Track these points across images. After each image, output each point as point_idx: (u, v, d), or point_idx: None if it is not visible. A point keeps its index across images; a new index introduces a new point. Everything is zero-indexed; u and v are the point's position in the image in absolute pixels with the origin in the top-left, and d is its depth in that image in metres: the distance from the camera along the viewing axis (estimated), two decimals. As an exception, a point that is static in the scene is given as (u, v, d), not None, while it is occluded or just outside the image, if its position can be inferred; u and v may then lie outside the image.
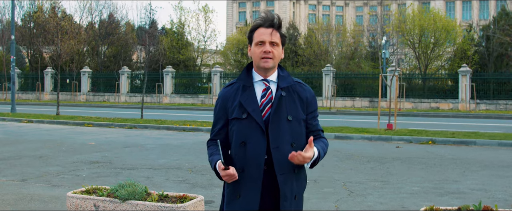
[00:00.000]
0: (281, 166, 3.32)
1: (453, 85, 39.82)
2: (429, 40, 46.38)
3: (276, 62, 3.42)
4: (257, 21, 3.44)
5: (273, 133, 3.33)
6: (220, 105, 3.51)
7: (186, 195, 5.93)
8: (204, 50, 59.73)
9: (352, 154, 13.98)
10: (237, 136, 3.39)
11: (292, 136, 3.38)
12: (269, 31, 3.38)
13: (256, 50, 3.39)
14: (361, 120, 27.77)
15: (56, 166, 11.65)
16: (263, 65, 3.38)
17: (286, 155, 3.31)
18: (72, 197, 5.98)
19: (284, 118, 3.36)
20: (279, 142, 3.33)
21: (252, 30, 3.44)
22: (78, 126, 22.69)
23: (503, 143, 15.91)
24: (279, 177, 3.32)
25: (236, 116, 3.38)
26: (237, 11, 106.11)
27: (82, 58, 53.88)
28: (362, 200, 8.54)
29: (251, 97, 3.37)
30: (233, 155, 3.43)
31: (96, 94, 50.00)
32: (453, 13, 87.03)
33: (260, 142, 3.32)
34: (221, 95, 3.52)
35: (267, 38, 3.37)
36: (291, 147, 3.36)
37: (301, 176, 3.48)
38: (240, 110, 3.37)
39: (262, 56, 3.37)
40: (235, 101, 3.41)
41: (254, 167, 3.32)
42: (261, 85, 3.43)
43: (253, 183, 3.33)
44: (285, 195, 3.33)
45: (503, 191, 9.27)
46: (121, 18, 59.08)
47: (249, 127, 3.34)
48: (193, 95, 46.11)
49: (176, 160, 12.73)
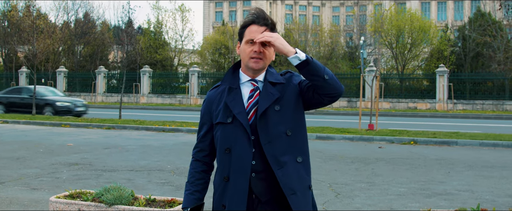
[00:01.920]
0: (277, 160, 3.05)
1: (430, 85, 40.05)
2: (406, 40, 46.67)
3: (267, 63, 3.16)
4: (250, 17, 3.17)
5: (262, 129, 3.06)
6: (204, 109, 3.28)
7: (175, 199, 5.75)
8: (182, 50, 59.43)
9: (335, 155, 13.88)
10: (222, 142, 3.14)
11: (284, 124, 3.10)
12: (262, 30, 3.12)
13: (246, 48, 3.13)
14: (340, 120, 27.76)
15: (35, 168, 11.36)
16: (252, 66, 3.12)
17: (282, 148, 3.07)
18: (56, 202, 5.75)
19: (271, 109, 3.09)
20: (271, 136, 3.06)
21: (244, 27, 3.18)
22: (55, 126, 22.29)
23: (485, 143, 15.95)
24: (278, 172, 3.04)
25: (221, 120, 3.14)
26: (214, 11, 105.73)
27: (57, 57, 53.16)
28: (350, 201, 8.42)
29: (237, 100, 3.12)
30: (218, 162, 3.20)
31: (72, 94, 49.31)
32: (428, 14, 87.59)
33: (246, 148, 3.06)
34: (207, 99, 3.28)
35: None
36: (287, 135, 3.10)
37: (306, 165, 3.17)
38: (225, 113, 3.12)
39: (252, 56, 3.11)
40: (220, 105, 3.17)
41: (240, 175, 3.06)
42: (249, 86, 3.18)
43: (238, 193, 3.07)
44: (291, 189, 3.04)
45: (490, 192, 9.22)
46: (97, 17, 58.53)
47: (234, 132, 3.09)
48: (170, 95, 45.78)
49: (158, 161, 12.50)
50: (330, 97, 3.09)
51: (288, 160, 3.08)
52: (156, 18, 57.25)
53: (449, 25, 55.46)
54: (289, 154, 3.09)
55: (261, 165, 3.08)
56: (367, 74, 36.00)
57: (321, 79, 3.03)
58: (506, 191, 9.26)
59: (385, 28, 46.33)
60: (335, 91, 3.07)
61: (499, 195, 8.92)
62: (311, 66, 3.02)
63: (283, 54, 3.08)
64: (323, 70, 3.03)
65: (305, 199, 3.10)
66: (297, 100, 3.16)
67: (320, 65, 3.06)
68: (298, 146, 3.14)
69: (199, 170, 3.30)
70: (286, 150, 3.09)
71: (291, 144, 3.11)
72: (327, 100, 3.11)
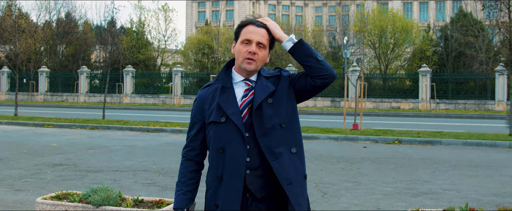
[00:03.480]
0: (272, 152, 3.08)
1: (413, 85, 40.26)
2: (389, 40, 46.91)
3: (260, 65, 3.17)
4: (248, 18, 3.21)
5: (257, 122, 3.09)
6: (196, 108, 3.26)
7: (163, 200, 5.71)
8: (165, 49, 59.20)
9: (320, 154, 13.90)
10: (215, 141, 3.14)
11: (279, 116, 3.13)
12: (259, 31, 3.15)
13: (241, 48, 3.14)
14: (324, 119, 27.79)
15: (18, 169, 11.25)
16: (245, 67, 3.13)
17: (276, 140, 3.09)
18: (42, 203, 5.69)
19: (265, 102, 3.11)
20: (266, 128, 3.09)
21: (241, 26, 3.19)
22: (38, 127, 22.10)
23: (468, 142, 16.07)
24: (273, 164, 3.06)
25: (214, 120, 3.13)
26: (196, 11, 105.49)
27: (39, 57, 52.70)
28: (337, 201, 8.43)
29: (231, 100, 3.13)
30: (211, 161, 3.19)
31: (54, 94, 49.03)
32: (410, 14, 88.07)
33: (240, 147, 3.07)
34: (198, 98, 3.27)
35: (255, 38, 3.13)
36: (281, 127, 3.12)
37: (300, 156, 3.21)
38: (218, 112, 3.12)
39: (247, 57, 3.12)
40: (213, 104, 3.16)
41: (234, 174, 3.07)
42: (243, 86, 3.19)
43: (232, 192, 3.07)
44: (288, 179, 3.07)
45: (475, 190, 9.28)
46: (79, 17, 58.13)
47: (227, 131, 3.09)
48: (153, 95, 45.60)
49: (143, 161, 12.43)
50: (323, 79, 3.12)
51: (283, 151, 3.11)
52: (138, 18, 57.00)
53: (431, 25, 55.80)
54: (284, 145, 3.12)
55: (256, 162, 3.10)
56: (351, 74, 36.14)
57: (314, 60, 3.10)
58: (491, 190, 9.33)
59: (368, 28, 46.52)
60: (328, 73, 3.12)
61: (484, 194, 8.98)
62: (305, 47, 3.13)
63: (277, 39, 3.18)
64: (315, 52, 3.13)
65: (301, 189, 3.14)
66: (289, 93, 3.20)
67: (312, 48, 3.15)
68: (292, 137, 3.17)
69: (191, 169, 3.29)
70: (280, 142, 3.12)
71: (285, 136, 3.14)
72: (320, 82, 3.13)
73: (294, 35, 3.20)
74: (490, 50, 31.43)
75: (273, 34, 3.19)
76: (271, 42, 3.22)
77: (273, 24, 3.18)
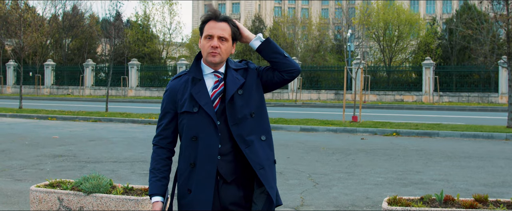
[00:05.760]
0: (244, 140, 3.29)
1: (417, 78, 40.30)
2: (393, 33, 46.92)
3: (224, 57, 3.37)
4: (209, 14, 3.39)
5: (229, 112, 3.30)
6: (167, 98, 3.44)
7: (152, 187, 5.90)
8: (170, 43, 59.39)
9: (317, 146, 14.08)
10: (188, 130, 3.33)
11: (249, 107, 3.34)
12: (219, 25, 3.34)
13: (205, 43, 3.34)
14: (326, 112, 27.94)
15: (19, 160, 11.48)
16: (210, 60, 3.33)
17: (247, 129, 3.31)
18: (36, 190, 5.90)
19: (236, 93, 3.32)
20: (237, 118, 3.30)
21: (204, 22, 3.38)
22: (42, 119, 22.38)
23: (466, 134, 16.21)
24: (245, 150, 3.28)
25: (187, 110, 3.32)
26: (202, 4, 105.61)
27: (45, 51, 53.01)
28: (328, 191, 8.61)
29: (202, 91, 3.32)
30: (183, 149, 3.38)
31: (60, 87, 49.33)
32: (417, 7, 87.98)
33: (212, 135, 3.27)
34: (169, 88, 3.45)
35: (216, 33, 3.32)
36: (251, 117, 3.34)
37: (269, 143, 3.41)
38: (191, 103, 3.32)
39: (210, 51, 3.31)
40: (185, 94, 3.35)
41: (207, 160, 3.27)
42: (213, 77, 3.38)
43: (206, 177, 3.27)
44: (260, 164, 3.29)
45: (464, 181, 9.44)
46: (85, 10, 58.36)
47: (200, 120, 3.29)
48: (158, 88, 45.82)
49: (142, 153, 12.65)
50: (290, 73, 3.38)
51: (254, 139, 3.33)
52: (143, 11, 57.18)
53: (437, 18, 55.78)
54: (254, 133, 3.34)
55: (227, 148, 3.32)
56: (354, 66, 36.22)
57: (281, 56, 3.36)
58: (480, 180, 9.49)
59: (372, 21, 46.54)
60: (294, 67, 3.38)
61: (473, 184, 9.14)
62: (272, 44, 3.38)
63: (245, 38, 3.43)
64: (281, 49, 3.39)
65: (272, 173, 3.37)
66: (257, 84, 3.42)
67: (278, 45, 3.41)
68: (261, 126, 3.39)
69: (164, 156, 3.47)
70: (251, 130, 3.33)
71: (255, 125, 3.36)
72: (287, 76, 3.39)
73: (261, 34, 3.43)
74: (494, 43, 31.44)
75: (243, 36, 3.42)
76: (234, 35, 3.40)
77: (239, 25, 3.41)
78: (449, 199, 5.30)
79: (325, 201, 7.90)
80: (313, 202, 7.83)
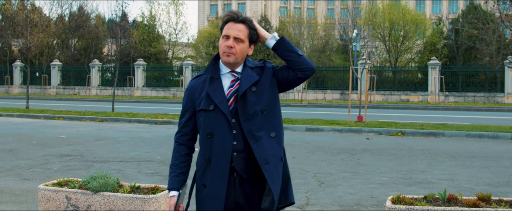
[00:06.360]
0: (253, 135, 3.40)
1: (423, 78, 40.29)
2: (399, 33, 46.87)
3: (239, 58, 3.47)
4: (229, 15, 3.50)
5: (241, 108, 3.41)
6: (187, 97, 3.59)
7: (158, 186, 5.98)
8: (176, 43, 59.48)
9: (323, 146, 14.13)
10: (204, 127, 3.47)
11: (260, 104, 3.45)
12: (236, 26, 3.46)
13: (222, 43, 3.47)
14: (332, 112, 27.99)
15: (27, 159, 11.59)
16: (224, 59, 3.46)
17: (257, 125, 3.41)
18: (44, 189, 5.98)
19: (249, 90, 3.43)
20: (248, 114, 3.41)
21: (224, 23, 3.51)
22: (49, 119, 22.51)
23: (471, 134, 16.23)
24: (253, 145, 3.39)
25: (203, 107, 3.45)
26: (208, 4, 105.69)
27: (52, 51, 53.20)
28: (332, 190, 8.67)
29: (218, 89, 3.44)
30: (200, 145, 3.52)
31: (67, 87, 49.52)
32: (423, 7, 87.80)
33: (226, 132, 3.39)
34: (189, 87, 3.60)
35: (232, 33, 3.44)
36: (262, 114, 3.44)
37: (279, 139, 3.51)
38: (207, 101, 3.44)
39: (225, 51, 3.44)
40: (202, 93, 3.48)
41: (221, 156, 3.39)
42: (230, 77, 3.50)
43: (219, 173, 3.39)
44: (265, 159, 3.38)
45: (469, 180, 9.48)
46: (91, 11, 58.56)
47: (216, 118, 3.42)
48: (164, 88, 45.95)
49: (148, 152, 12.74)
50: (304, 71, 3.46)
51: (263, 135, 3.44)
52: (149, 11, 57.29)
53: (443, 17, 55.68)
54: (264, 130, 3.44)
55: (241, 145, 3.43)
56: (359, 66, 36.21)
57: (295, 55, 3.46)
58: (485, 180, 9.53)
59: (378, 21, 46.51)
60: (308, 66, 3.46)
61: (478, 184, 9.18)
62: (287, 42, 3.47)
63: (261, 38, 3.54)
64: (296, 48, 3.49)
65: (277, 169, 3.44)
66: (272, 83, 3.52)
67: (292, 44, 3.51)
68: (271, 123, 3.49)
69: (183, 153, 3.63)
70: (260, 127, 3.44)
71: (265, 122, 3.46)
72: (301, 74, 3.47)
73: (276, 33, 3.54)
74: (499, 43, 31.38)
75: (259, 35, 3.53)
76: (252, 37, 3.51)
77: (257, 26, 3.52)
78: (452, 198, 5.35)
79: (330, 201, 7.96)
80: (318, 202, 7.88)
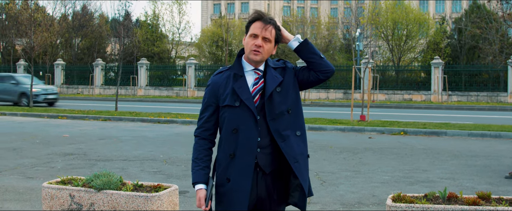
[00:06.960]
0: (280, 135, 3.52)
1: (426, 77, 40.29)
2: (402, 32, 46.87)
3: (265, 56, 3.58)
4: (256, 14, 3.60)
5: (268, 108, 3.52)
6: (210, 92, 3.65)
7: (161, 184, 6.02)
8: (179, 42, 59.56)
9: (325, 145, 14.18)
10: (229, 123, 3.55)
11: (286, 104, 3.57)
12: (265, 26, 3.55)
13: (249, 41, 3.55)
14: (335, 111, 28.03)
15: (31, 158, 11.66)
16: (252, 58, 3.55)
17: (284, 124, 3.54)
18: (48, 187, 6.03)
19: (275, 91, 3.54)
20: (275, 114, 3.52)
21: (251, 22, 3.60)
22: (52, 118, 22.59)
23: (473, 133, 16.25)
24: (282, 144, 3.51)
25: (229, 103, 3.53)
26: (212, 3, 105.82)
27: (55, 50, 53.33)
28: (334, 189, 8.71)
29: (244, 86, 3.54)
30: (223, 140, 3.60)
31: (70, 86, 49.63)
32: (426, 6, 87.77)
33: (252, 128, 3.49)
34: (212, 83, 3.67)
35: (262, 33, 3.53)
36: (288, 113, 3.56)
37: (303, 138, 3.63)
38: (233, 97, 3.53)
39: (253, 49, 3.53)
40: (227, 89, 3.56)
41: (247, 152, 3.49)
42: (253, 74, 3.60)
43: (245, 167, 3.50)
44: (294, 158, 3.51)
45: (470, 179, 9.52)
46: (94, 10, 58.70)
47: (241, 114, 3.51)
48: (167, 88, 46.01)
49: (151, 151, 12.80)
50: (325, 73, 3.62)
51: (290, 134, 3.58)
52: (152, 11, 57.37)
53: (446, 17, 55.64)
54: (290, 129, 3.59)
55: (265, 141, 3.56)
56: (362, 66, 36.24)
57: (317, 57, 3.59)
58: (486, 179, 9.56)
59: (381, 20, 46.52)
60: (329, 68, 3.62)
61: (479, 183, 9.22)
62: (310, 45, 3.61)
63: (284, 39, 3.66)
64: (318, 50, 3.63)
65: (305, 166, 3.61)
66: (294, 82, 3.65)
67: (315, 46, 3.66)
68: (296, 122, 3.63)
69: (206, 147, 3.70)
70: (287, 126, 3.58)
71: (291, 121, 3.61)
72: (322, 76, 3.62)
73: (299, 35, 3.68)
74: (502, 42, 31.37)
75: (284, 37, 3.65)
76: (277, 38, 3.63)
77: (281, 27, 3.65)
78: (452, 196, 5.38)
79: (331, 199, 8.00)
80: (320, 200, 7.93)
